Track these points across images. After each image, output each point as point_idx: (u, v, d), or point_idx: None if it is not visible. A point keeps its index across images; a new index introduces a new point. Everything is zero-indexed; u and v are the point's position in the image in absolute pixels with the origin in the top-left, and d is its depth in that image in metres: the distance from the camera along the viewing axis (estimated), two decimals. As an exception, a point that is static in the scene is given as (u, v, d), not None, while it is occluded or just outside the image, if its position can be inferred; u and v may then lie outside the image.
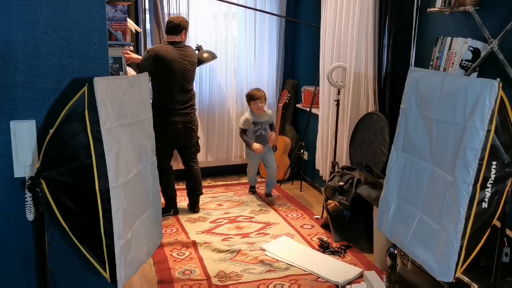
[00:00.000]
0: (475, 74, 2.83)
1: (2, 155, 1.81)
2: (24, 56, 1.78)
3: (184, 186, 4.47)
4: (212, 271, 3.30)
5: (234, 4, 4.81)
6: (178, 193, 4.46)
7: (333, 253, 3.61)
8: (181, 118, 4.08)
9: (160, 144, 2.67)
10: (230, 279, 3.20)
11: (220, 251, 3.58)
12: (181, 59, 4.06)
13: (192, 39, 4.88)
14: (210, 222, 4.15)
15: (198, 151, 4.43)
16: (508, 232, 2.30)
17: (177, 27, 4.08)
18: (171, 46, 4.07)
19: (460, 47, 2.90)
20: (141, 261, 1.95)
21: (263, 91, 4.59)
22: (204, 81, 5.10)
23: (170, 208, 4.31)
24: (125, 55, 3.59)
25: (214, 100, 5.16)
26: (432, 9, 3.12)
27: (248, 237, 3.87)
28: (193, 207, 4.39)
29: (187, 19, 4.27)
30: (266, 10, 5.10)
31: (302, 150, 5.05)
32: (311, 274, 3.28)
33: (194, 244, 3.69)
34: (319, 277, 3.24)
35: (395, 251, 2.89)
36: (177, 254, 3.56)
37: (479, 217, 1.86)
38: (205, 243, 3.70)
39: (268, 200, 4.67)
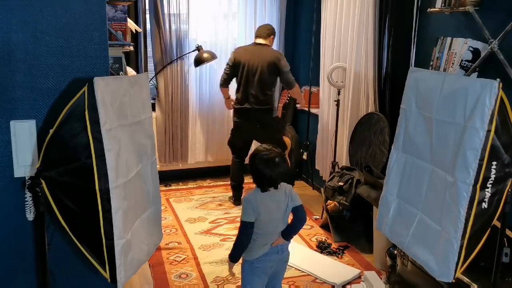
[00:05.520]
0: (475, 74, 2.83)
1: (2, 155, 1.81)
2: (24, 56, 1.78)
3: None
4: (209, 274, 3.27)
5: None
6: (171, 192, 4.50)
7: (331, 253, 3.61)
8: None
9: None
10: (227, 283, 3.18)
11: (217, 254, 3.56)
12: None
13: (192, 39, 4.88)
14: (209, 222, 4.14)
15: None
16: (508, 232, 2.30)
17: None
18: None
19: (460, 47, 2.90)
20: (141, 261, 1.95)
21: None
22: (204, 81, 5.10)
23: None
24: None
25: (214, 100, 5.15)
26: (432, 9, 3.12)
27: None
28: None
29: (187, 19, 4.26)
30: (266, 11, 5.10)
31: (302, 150, 5.04)
32: (309, 275, 3.28)
33: (191, 247, 3.68)
34: (317, 278, 3.24)
35: (395, 251, 2.89)
36: (174, 257, 3.53)
37: (479, 218, 1.86)
38: (202, 246, 3.69)
39: None
